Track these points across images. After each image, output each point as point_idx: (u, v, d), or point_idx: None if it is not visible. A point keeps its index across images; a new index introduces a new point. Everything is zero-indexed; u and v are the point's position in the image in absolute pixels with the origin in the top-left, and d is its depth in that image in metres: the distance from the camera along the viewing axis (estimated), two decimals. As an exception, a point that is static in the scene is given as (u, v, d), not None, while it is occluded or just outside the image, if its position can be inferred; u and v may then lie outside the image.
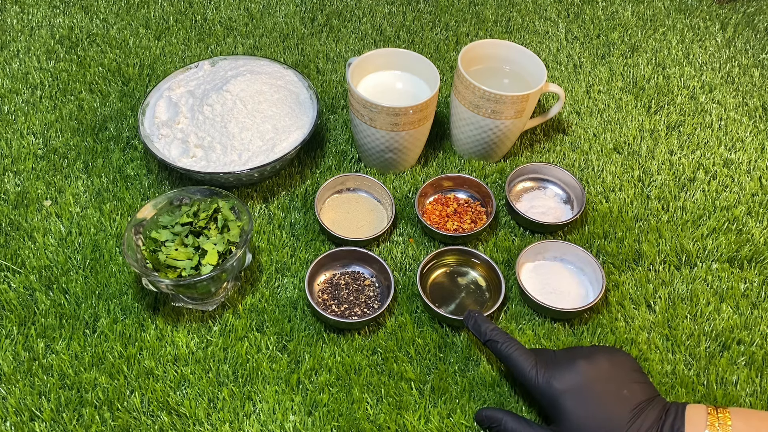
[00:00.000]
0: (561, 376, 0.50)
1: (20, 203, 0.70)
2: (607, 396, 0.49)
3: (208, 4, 0.98)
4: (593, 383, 0.50)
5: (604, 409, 0.48)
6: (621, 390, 0.49)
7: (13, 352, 0.58)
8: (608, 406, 0.48)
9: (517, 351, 0.53)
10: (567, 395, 0.49)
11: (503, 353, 0.53)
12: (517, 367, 0.52)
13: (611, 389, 0.49)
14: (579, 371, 0.50)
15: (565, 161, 0.78)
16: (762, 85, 0.90)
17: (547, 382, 0.50)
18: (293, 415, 0.55)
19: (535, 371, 0.51)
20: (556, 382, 0.50)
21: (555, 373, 0.51)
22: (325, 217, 0.70)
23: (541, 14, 1.00)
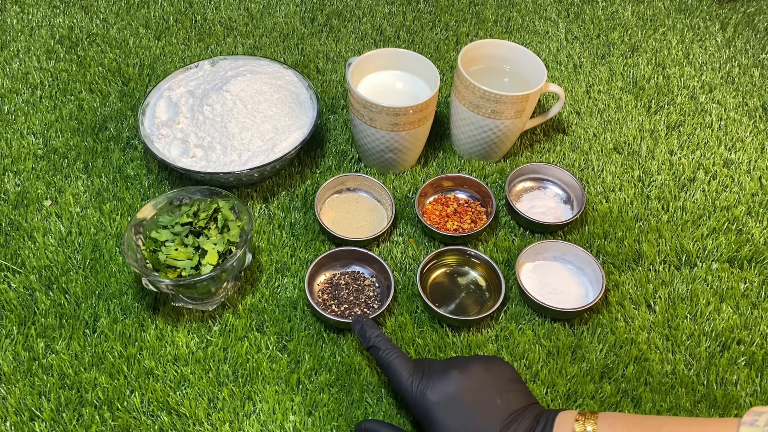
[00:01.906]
0: (434, 387, 0.50)
1: (20, 203, 0.70)
2: (479, 406, 0.49)
3: (208, 4, 0.98)
4: (465, 393, 0.49)
5: (475, 420, 0.48)
6: (494, 399, 0.49)
7: (13, 352, 0.58)
8: (479, 416, 0.48)
9: (397, 359, 0.52)
10: (439, 406, 0.49)
11: (383, 361, 0.53)
12: (394, 375, 0.52)
13: (483, 399, 0.49)
14: (452, 381, 0.50)
15: (565, 161, 0.78)
16: (762, 85, 0.90)
17: (421, 393, 0.50)
18: (293, 415, 0.55)
19: (411, 380, 0.51)
20: (429, 392, 0.50)
21: (429, 384, 0.50)
22: (325, 217, 0.70)
23: (541, 14, 1.00)
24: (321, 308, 0.60)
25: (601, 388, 0.58)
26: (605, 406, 0.57)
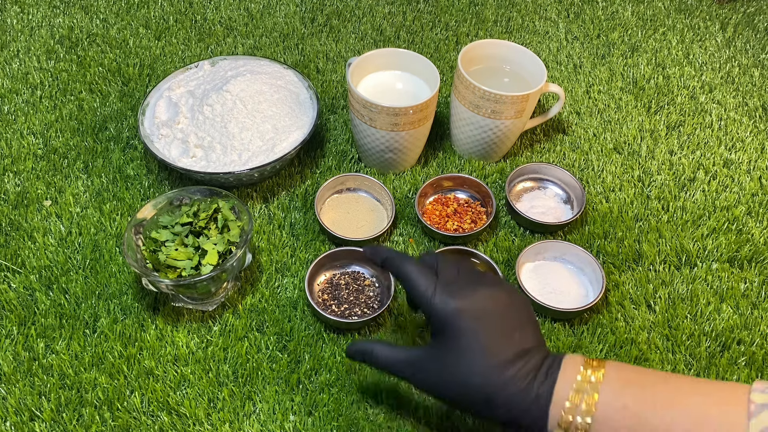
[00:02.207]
0: (460, 297, 0.47)
1: (20, 203, 0.70)
2: (499, 330, 0.46)
3: (208, 4, 0.98)
4: (489, 314, 0.47)
5: (492, 342, 0.46)
6: (514, 330, 0.47)
7: (13, 352, 0.58)
8: (496, 340, 0.46)
9: (416, 267, 0.49)
10: (461, 315, 0.46)
11: (401, 271, 0.50)
12: (415, 284, 0.49)
13: (505, 326, 0.47)
14: (479, 298, 0.47)
15: (565, 161, 0.78)
16: (762, 85, 0.90)
17: (443, 301, 0.47)
18: (293, 415, 0.55)
19: (434, 288, 0.48)
20: (453, 301, 0.47)
21: (454, 293, 0.47)
22: (325, 217, 0.70)
23: (541, 14, 1.00)
24: (321, 308, 0.60)
25: (601, 388, 0.58)
26: (605, 406, 0.57)
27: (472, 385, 0.46)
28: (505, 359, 0.45)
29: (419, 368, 0.49)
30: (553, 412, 0.44)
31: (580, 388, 0.44)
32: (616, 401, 0.43)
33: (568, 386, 0.44)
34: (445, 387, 0.47)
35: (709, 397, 0.42)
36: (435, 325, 0.48)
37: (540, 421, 0.44)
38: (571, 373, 0.45)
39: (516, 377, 0.45)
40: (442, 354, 0.47)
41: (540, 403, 0.44)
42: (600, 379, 0.44)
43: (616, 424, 0.43)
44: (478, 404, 0.46)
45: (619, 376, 0.44)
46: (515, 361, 0.45)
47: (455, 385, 0.46)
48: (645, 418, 0.42)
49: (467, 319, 0.46)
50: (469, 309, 0.47)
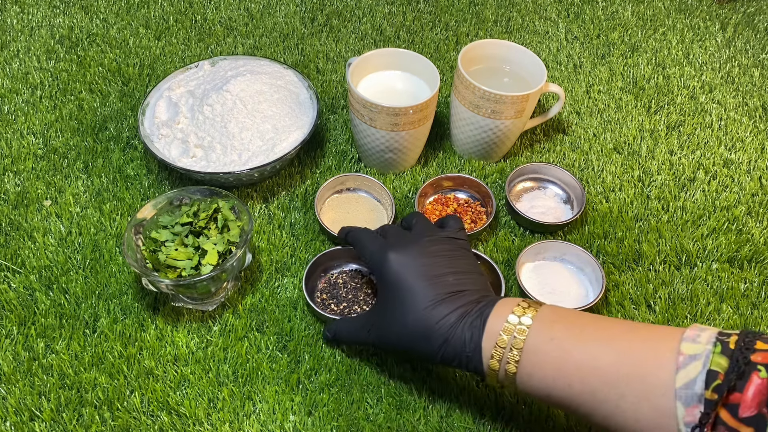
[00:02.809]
0: (393, 249, 0.51)
1: (20, 203, 0.70)
2: (428, 273, 0.50)
3: (208, 4, 0.98)
4: (418, 259, 0.50)
5: (422, 283, 0.49)
6: (447, 275, 0.50)
7: (13, 352, 0.58)
8: (426, 281, 0.49)
9: (367, 234, 0.55)
10: (391, 263, 0.50)
11: (355, 238, 0.56)
12: (362, 246, 0.54)
13: (436, 270, 0.50)
14: (412, 248, 0.51)
15: (565, 161, 0.78)
16: (762, 85, 0.90)
17: (378, 253, 0.51)
18: (293, 415, 0.55)
19: (376, 247, 0.52)
20: (385, 253, 0.51)
21: (389, 247, 0.51)
22: (325, 217, 0.70)
23: (541, 14, 1.00)
24: (320, 308, 0.60)
25: (601, 388, 0.58)
26: (605, 406, 0.57)
27: (409, 325, 0.49)
28: (435, 298, 0.48)
29: (372, 326, 0.53)
30: (486, 345, 0.46)
31: (512, 322, 0.46)
32: (545, 334, 0.45)
33: (500, 321, 0.46)
34: (391, 335, 0.50)
35: (638, 337, 0.43)
36: (377, 280, 0.52)
37: (476, 355, 0.46)
38: (504, 309, 0.47)
39: (449, 314, 0.47)
40: (383, 305, 0.51)
41: (473, 337, 0.46)
42: (533, 315, 0.46)
43: (543, 356, 0.44)
44: (420, 343, 0.48)
45: (552, 314, 0.46)
46: (447, 300, 0.48)
47: (397, 329, 0.50)
48: (570, 350, 0.44)
49: (396, 265, 0.50)
50: (398, 257, 0.50)
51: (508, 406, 0.56)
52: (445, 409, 0.56)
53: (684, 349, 0.40)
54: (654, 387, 0.40)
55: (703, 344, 0.40)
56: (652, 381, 0.40)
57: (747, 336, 0.39)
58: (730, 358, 0.38)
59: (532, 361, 0.45)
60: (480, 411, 0.56)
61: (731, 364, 0.38)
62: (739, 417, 0.37)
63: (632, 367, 0.41)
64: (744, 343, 0.39)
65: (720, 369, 0.38)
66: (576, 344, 0.44)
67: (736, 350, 0.38)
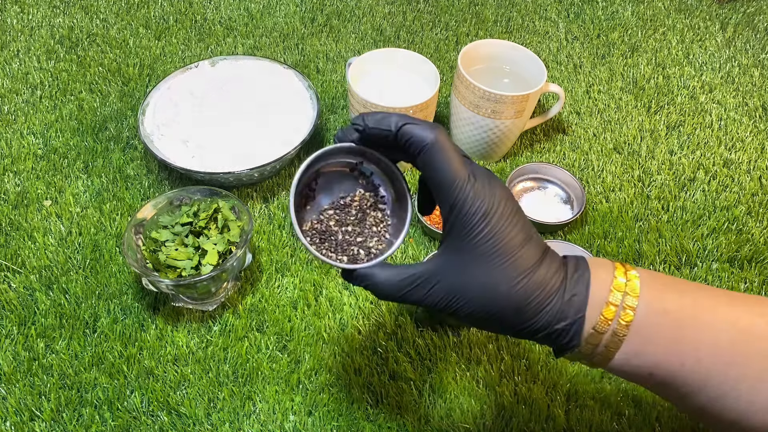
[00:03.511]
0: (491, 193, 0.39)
1: (20, 203, 0.70)
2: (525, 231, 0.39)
3: (208, 4, 0.98)
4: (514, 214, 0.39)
5: (521, 243, 0.39)
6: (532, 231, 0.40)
7: (13, 352, 0.58)
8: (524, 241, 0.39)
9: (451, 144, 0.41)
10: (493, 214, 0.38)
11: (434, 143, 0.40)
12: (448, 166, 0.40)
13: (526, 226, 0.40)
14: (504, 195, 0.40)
15: (565, 161, 0.78)
16: (762, 85, 0.90)
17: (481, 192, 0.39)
18: (293, 415, 0.55)
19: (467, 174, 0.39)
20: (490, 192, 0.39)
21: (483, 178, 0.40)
22: None
23: (541, 14, 1.00)
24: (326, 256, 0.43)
25: (601, 388, 0.58)
26: (605, 407, 0.57)
27: (500, 293, 0.39)
28: (534, 260, 0.39)
29: (435, 283, 0.41)
30: (590, 313, 0.38)
31: (619, 288, 0.39)
32: (656, 304, 0.38)
33: (605, 286, 0.39)
34: (467, 300, 0.40)
35: (756, 312, 0.38)
36: (457, 220, 0.40)
37: (575, 327, 0.39)
38: (604, 273, 0.40)
39: (549, 279, 0.39)
40: (463, 260, 0.40)
41: (575, 305, 0.39)
42: (635, 279, 0.39)
43: (655, 330, 0.38)
44: (507, 315, 0.39)
45: (656, 280, 0.40)
46: (542, 262, 0.40)
47: (481, 297, 0.39)
48: (686, 326, 0.38)
49: (497, 214, 0.39)
50: (499, 203, 0.40)
51: (508, 406, 0.56)
52: (445, 409, 0.56)
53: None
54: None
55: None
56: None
57: None
58: None
59: (643, 335, 0.38)
60: (480, 411, 0.56)
61: None
62: None
63: (753, 346, 0.37)
64: None
65: None
66: (691, 318, 0.38)
67: None
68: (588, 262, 0.40)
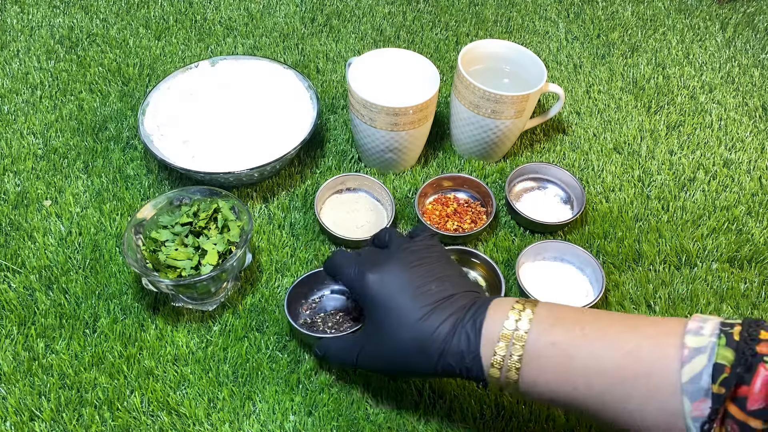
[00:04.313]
0: (370, 270, 0.50)
1: (20, 203, 0.70)
2: (412, 287, 0.48)
3: (208, 4, 0.98)
4: (398, 275, 0.49)
5: (408, 297, 0.47)
6: (429, 283, 0.48)
7: (13, 352, 0.58)
8: (412, 295, 0.47)
9: (342, 258, 0.53)
10: (373, 285, 0.49)
11: (332, 266, 0.54)
12: (341, 272, 0.52)
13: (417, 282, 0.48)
14: (387, 266, 0.50)
15: (565, 161, 0.78)
16: (762, 85, 0.90)
17: (358, 278, 0.50)
18: (293, 415, 0.55)
19: (354, 270, 0.51)
20: (364, 275, 0.50)
21: (367, 269, 0.50)
22: (325, 217, 0.69)
23: (541, 14, 1.00)
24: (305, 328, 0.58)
25: (601, 388, 0.58)
26: (605, 406, 0.57)
27: (403, 341, 0.47)
28: (426, 309, 0.46)
29: (361, 350, 0.51)
30: (485, 353, 0.44)
31: (509, 328, 0.44)
32: (545, 338, 0.43)
33: (496, 326, 0.44)
34: (383, 356, 0.49)
35: (641, 335, 0.42)
36: (361, 303, 0.51)
37: (476, 363, 0.45)
38: (498, 313, 0.45)
39: (442, 323, 0.46)
40: (372, 327, 0.50)
41: (471, 347, 0.45)
42: (530, 317, 0.44)
43: (545, 361, 0.43)
44: (415, 358, 0.47)
45: (550, 315, 0.45)
46: (437, 309, 0.46)
47: (391, 349, 0.48)
48: (573, 354, 0.42)
49: (377, 285, 0.49)
50: (377, 277, 0.49)
51: (508, 406, 0.56)
52: (446, 410, 0.56)
53: (688, 342, 0.39)
54: (660, 386, 0.39)
55: (707, 336, 0.39)
56: (658, 380, 0.40)
57: (750, 326, 0.39)
58: (735, 350, 0.37)
59: (534, 367, 0.43)
60: (480, 411, 0.56)
61: (737, 356, 0.37)
62: (747, 410, 0.37)
63: (637, 367, 0.40)
64: (748, 333, 0.38)
65: (726, 362, 0.37)
66: (578, 347, 0.42)
67: (741, 342, 0.38)
68: (490, 304, 0.46)
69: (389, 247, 0.53)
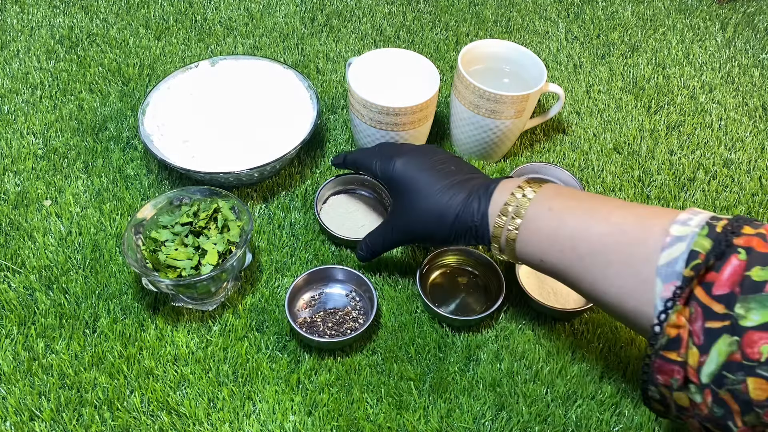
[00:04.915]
0: (397, 156, 0.57)
1: (20, 203, 0.70)
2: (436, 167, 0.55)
3: (208, 4, 0.98)
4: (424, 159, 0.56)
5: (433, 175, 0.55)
6: (449, 166, 0.56)
7: (13, 352, 0.58)
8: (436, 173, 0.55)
9: (362, 152, 0.62)
10: (403, 168, 0.56)
11: (353, 160, 0.63)
12: (365, 164, 0.60)
13: (440, 165, 0.56)
14: (413, 152, 0.58)
15: (565, 161, 0.78)
16: (762, 85, 0.90)
17: (386, 163, 0.57)
18: (293, 415, 0.55)
19: (378, 158, 0.58)
20: (392, 160, 0.57)
21: (393, 156, 0.57)
22: (325, 217, 0.69)
23: (541, 14, 1.00)
24: (309, 334, 0.58)
25: (601, 388, 0.58)
26: (605, 407, 0.57)
27: (423, 209, 0.54)
28: (447, 184, 0.54)
29: (394, 225, 0.59)
30: (492, 211, 0.51)
31: (516, 195, 0.50)
32: (544, 204, 0.48)
33: (505, 194, 0.51)
34: (408, 226, 0.57)
35: (632, 213, 0.44)
36: (389, 186, 0.58)
37: (483, 223, 0.51)
38: (509, 185, 0.51)
39: (459, 193, 0.53)
40: (398, 203, 0.57)
41: (480, 207, 0.51)
42: (536, 190, 0.50)
43: (540, 223, 0.48)
44: (435, 225, 0.54)
45: (555, 190, 0.50)
46: (456, 185, 0.54)
47: (414, 216, 0.55)
48: (565, 220, 0.47)
49: (404, 164, 0.56)
50: (406, 158, 0.57)
51: (508, 406, 0.56)
52: (446, 410, 0.56)
53: (673, 230, 0.41)
54: (639, 256, 0.42)
55: (692, 227, 0.41)
56: (638, 251, 0.42)
57: (737, 221, 0.40)
58: (714, 240, 0.39)
59: (530, 228, 0.49)
60: (480, 411, 0.56)
61: (714, 246, 0.39)
62: (712, 294, 0.38)
63: (621, 237, 0.43)
64: (732, 227, 0.40)
65: (702, 249, 0.39)
66: (571, 215, 0.47)
67: (722, 234, 0.39)
68: (501, 180, 0.53)
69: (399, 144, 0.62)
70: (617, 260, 0.43)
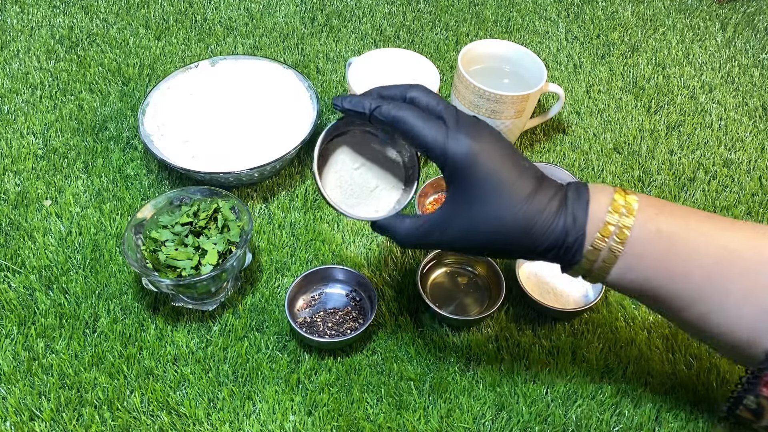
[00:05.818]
0: (473, 137, 0.43)
1: (20, 203, 0.70)
2: (516, 164, 0.44)
3: (208, 4, 0.98)
4: (502, 149, 0.44)
5: (514, 175, 0.43)
6: (524, 161, 0.45)
7: (13, 352, 0.58)
8: (517, 173, 0.43)
9: (418, 114, 0.44)
10: (480, 156, 0.43)
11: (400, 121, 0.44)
12: (420, 134, 0.44)
13: (516, 159, 0.44)
14: (488, 136, 0.44)
15: (565, 161, 0.78)
16: (762, 85, 0.90)
17: (458, 145, 0.43)
18: (293, 415, 0.55)
19: (445, 132, 0.43)
20: (468, 142, 0.43)
21: (468, 134, 0.43)
22: (330, 186, 0.67)
23: (541, 14, 1.00)
24: (308, 333, 0.58)
25: (601, 388, 0.58)
26: (605, 407, 0.57)
27: (507, 221, 0.43)
28: (530, 189, 0.43)
29: (448, 225, 0.45)
30: (590, 232, 0.42)
31: (616, 210, 0.42)
32: (651, 225, 0.42)
33: (603, 207, 0.43)
34: (478, 234, 0.44)
35: (741, 236, 0.41)
36: (452, 173, 0.44)
37: (577, 243, 0.43)
38: (603, 196, 0.43)
39: (547, 203, 0.43)
40: (467, 202, 0.44)
41: (577, 224, 0.43)
42: (636, 201, 0.43)
43: (648, 247, 0.42)
44: (516, 239, 0.44)
45: (652, 203, 0.43)
46: (539, 190, 0.44)
47: (490, 228, 0.44)
48: (677, 244, 0.42)
49: (486, 158, 0.43)
50: (485, 148, 0.43)
51: (508, 406, 0.56)
52: (445, 410, 0.56)
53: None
54: (760, 284, 0.39)
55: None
56: (758, 280, 0.39)
57: None
58: None
59: (636, 252, 0.42)
60: (480, 411, 0.56)
61: None
62: None
63: (738, 264, 0.40)
64: None
65: None
66: (681, 238, 0.41)
67: None
68: (589, 187, 0.44)
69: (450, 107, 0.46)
70: (737, 290, 0.40)
